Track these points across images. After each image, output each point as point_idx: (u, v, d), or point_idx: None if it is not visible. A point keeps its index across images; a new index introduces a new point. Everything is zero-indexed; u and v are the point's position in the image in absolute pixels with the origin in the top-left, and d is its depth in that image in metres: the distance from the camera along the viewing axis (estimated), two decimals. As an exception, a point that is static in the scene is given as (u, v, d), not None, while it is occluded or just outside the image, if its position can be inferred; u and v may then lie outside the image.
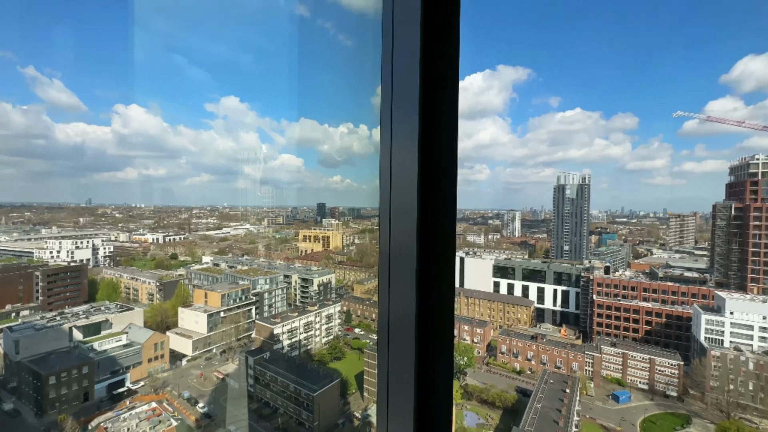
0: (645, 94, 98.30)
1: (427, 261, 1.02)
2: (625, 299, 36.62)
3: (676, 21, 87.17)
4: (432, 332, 1.03)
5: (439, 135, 1.05)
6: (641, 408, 28.22)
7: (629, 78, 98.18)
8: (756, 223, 33.94)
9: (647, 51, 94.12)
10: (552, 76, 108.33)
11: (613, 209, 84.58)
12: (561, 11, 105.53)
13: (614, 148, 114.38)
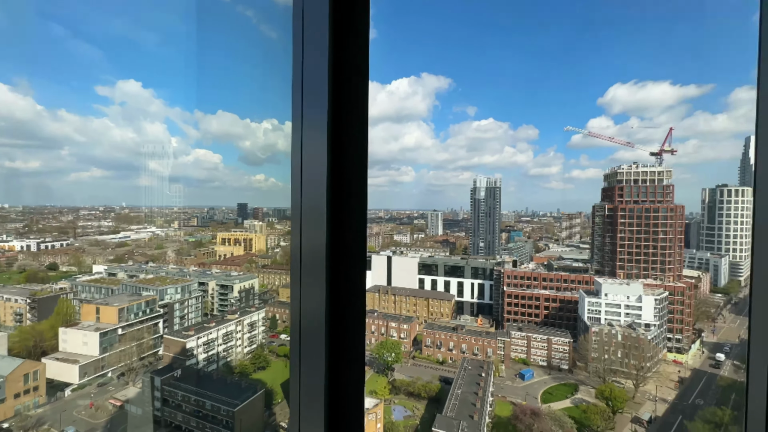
0: (543, 110, 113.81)
1: (338, 263, 0.98)
2: (529, 288, 41.47)
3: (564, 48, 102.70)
4: (343, 335, 1.00)
5: (349, 132, 1.00)
6: (542, 382, 32.32)
7: (531, 94, 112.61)
8: (622, 221, 41.54)
9: (545, 72, 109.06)
10: (469, 88, 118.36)
11: (519, 209, 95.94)
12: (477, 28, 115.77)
13: (520, 156, 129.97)
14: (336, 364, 0.99)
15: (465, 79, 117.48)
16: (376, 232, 63.21)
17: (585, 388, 30.62)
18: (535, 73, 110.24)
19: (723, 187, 42.34)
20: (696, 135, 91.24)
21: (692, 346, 33.33)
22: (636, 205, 41.58)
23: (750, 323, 0.95)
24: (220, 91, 53.83)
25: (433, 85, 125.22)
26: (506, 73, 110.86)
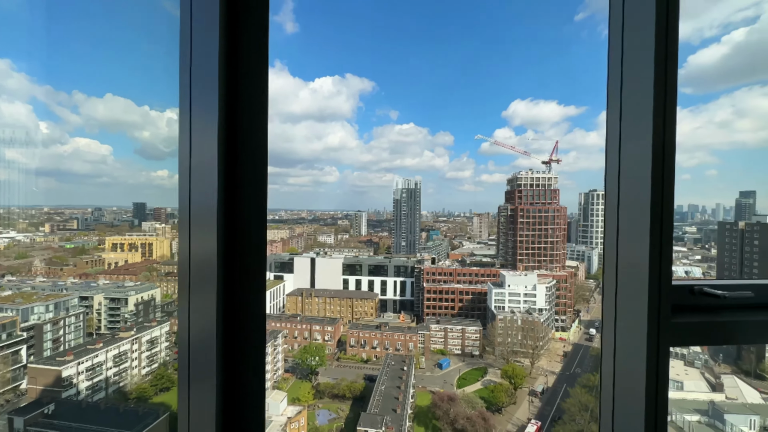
0: (458, 118, 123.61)
1: (233, 270, 0.88)
2: (446, 284, 44.47)
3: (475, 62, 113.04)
4: (239, 350, 0.90)
5: (246, 120, 0.89)
6: (456, 369, 34.99)
7: (447, 103, 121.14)
8: (521, 220, 47.39)
9: (459, 83, 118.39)
10: (392, 92, 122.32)
11: (437, 210, 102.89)
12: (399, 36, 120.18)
13: (438, 160, 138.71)
14: (231, 385, 0.87)
15: (388, 83, 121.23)
16: (299, 234, 61.00)
17: (492, 370, 34.08)
18: (450, 83, 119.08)
19: (593, 192, 51.71)
20: (575, 148, 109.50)
21: (573, 325, 39.66)
22: (531, 207, 47.81)
23: (603, 301, 1.12)
24: (109, 70, 45.44)
25: (357, 87, 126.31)
26: (425, 82, 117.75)
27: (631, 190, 1.05)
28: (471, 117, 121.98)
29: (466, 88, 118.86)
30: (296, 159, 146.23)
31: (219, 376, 0.84)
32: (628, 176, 1.06)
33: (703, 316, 1.06)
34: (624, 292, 1.06)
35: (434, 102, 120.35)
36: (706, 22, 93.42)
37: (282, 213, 69.54)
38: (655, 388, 0.99)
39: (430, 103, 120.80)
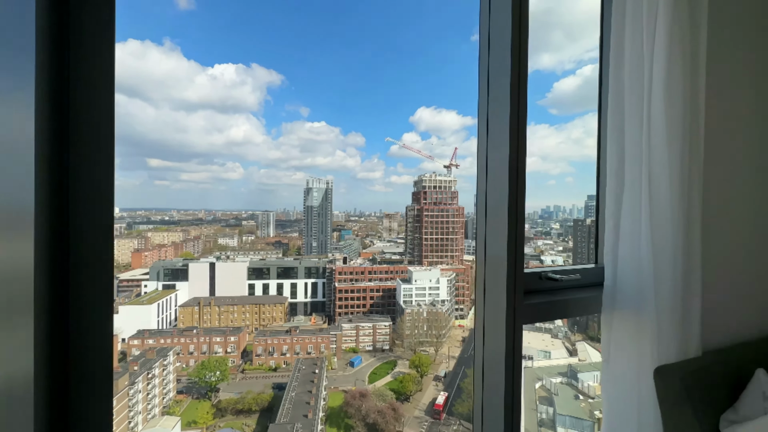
0: (369, 119, 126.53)
1: (63, 291, 0.68)
2: (358, 282, 45.13)
3: (384, 65, 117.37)
4: (74, 400, 0.69)
5: (80, 98, 0.70)
6: (369, 365, 35.83)
7: (359, 104, 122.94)
8: (426, 220, 51.05)
9: (370, 85, 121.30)
10: (303, 88, 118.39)
11: (349, 210, 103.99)
12: (311, 29, 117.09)
13: (349, 160, 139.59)
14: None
15: (298, 78, 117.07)
16: (195, 236, 54.34)
17: (401, 361, 35.89)
18: (362, 84, 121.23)
19: (485, 194, 58.89)
20: (470, 154, 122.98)
21: (469, 312, 44.38)
22: (435, 206, 51.93)
23: (475, 288, 1.28)
24: None
25: (264, 79, 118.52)
26: (337, 81, 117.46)
27: (493, 193, 1.22)
28: (382, 120, 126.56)
29: (377, 92, 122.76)
30: (192, 152, 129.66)
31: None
32: (491, 181, 1.23)
33: (546, 297, 1.30)
34: (490, 280, 1.23)
35: (346, 102, 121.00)
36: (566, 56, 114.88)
37: (173, 213, 60.72)
38: (512, 357, 1.17)
39: (342, 102, 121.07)
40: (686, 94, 1.23)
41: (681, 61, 1.22)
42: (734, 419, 1.01)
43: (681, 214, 1.22)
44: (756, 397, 1.04)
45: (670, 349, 1.22)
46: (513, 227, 1.17)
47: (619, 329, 1.26)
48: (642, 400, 1.22)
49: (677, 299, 1.22)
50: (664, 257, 1.21)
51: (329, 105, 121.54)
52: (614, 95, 1.28)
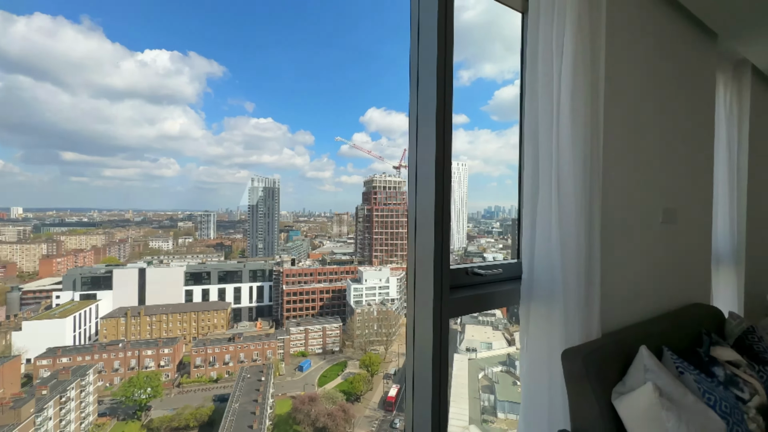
0: (318, 118, 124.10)
1: None
2: (307, 284, 44.09)
3: (337, 66, 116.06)
4: None
5: None
6: (318, 369, 35.17)
7: (308, 102, 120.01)
8: (376, 220, 51.45)
9: (319, 83, 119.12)
10: (247, 82, 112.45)
11: (297, 210, 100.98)
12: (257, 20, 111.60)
13: (298, 158, 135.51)
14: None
15: (242, 71, 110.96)
16: (121, 239, 48.99)
17: (352, 362, 35.78)
18: (312, 82, 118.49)
19: (432, 195, 61.05)
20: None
21: (418, 309, 45.74)
22: (385, 207, 52.57)
23: (407, 284, 1.32)
24: None
25: (203, 69, 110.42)
26: (286, 77, 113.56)
27: (422, 193, 1.27)
28: (332, 118, 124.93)
29: (327, 90, 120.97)
30: (117, 146, 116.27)
31: None
32: (420, 182, 1.28)
33: (472, 291, 1.38)
34: (419, 277, 1.28)
35: (295, 99, 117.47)
36: (506, 67, 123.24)
37: (94, 214, 53.84)
38: (439, 349, 1.22)
39: (291, 99, 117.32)
40: (588, 107, 1.39)
41: (583, 78, 1.38)
42: (622, 391, 1.17)
43: (584, 213, 1.38)
44: (639, 370, 1.21)
45: (576, 333, 1.37)
46: (439, 226, 1.23)
47: (534, 318, 1.39)
48: (553, 381, 1.35)
49: (581, 289, 1.38)
50: (570, 252, 1.36)
51: (276, 101, 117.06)
52: (530, 106, 1.41)
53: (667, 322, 1.67)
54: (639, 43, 1.77)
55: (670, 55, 1.95)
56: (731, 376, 1.37)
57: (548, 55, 1.38)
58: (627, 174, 1.71)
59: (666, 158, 1.94)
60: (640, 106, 1.78)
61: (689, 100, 2.11)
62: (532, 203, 1.41)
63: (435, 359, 1.21)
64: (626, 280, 1.72)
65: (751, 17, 2.04)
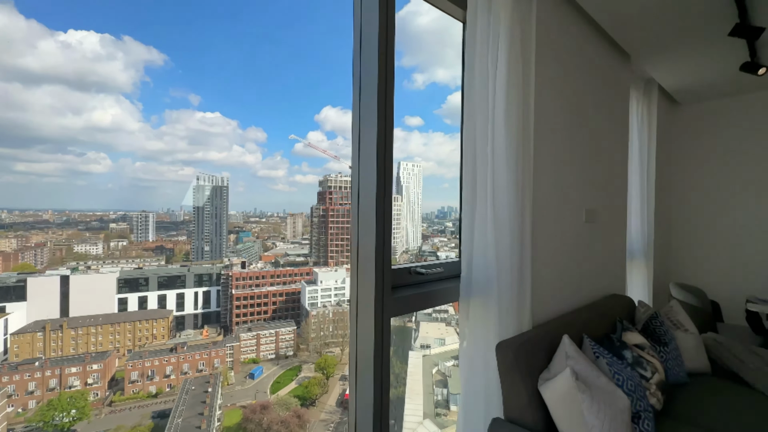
0: (271, 115, 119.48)
1: None
2: (258, 287, 42.32)
3: (291, 62, 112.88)
4: None
5: None
6: (271, 375, 33.88)
7: (260, 96, 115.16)
8: (331, 220, 50.82)
9: (272, 79, 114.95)
10: (193, 74, 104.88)
11: (248, 210, 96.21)
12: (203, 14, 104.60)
13: (249, 156, 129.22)
14: None
15: (187, 62, 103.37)
16: (37, 243, 43.26)
17: (307, 365, 34.98)
18: (264, 77, 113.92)
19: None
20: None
21: (374, 309, 45.89)
22: (340, 207, 52.10)
23: (350, 284, 1.31)
24: None
25: (141, 56, 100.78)
26: (236, 69, 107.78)
27: (364, 193, 1.28)
28: (285, 116, 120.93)
29: (281, 86, 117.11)
30: (33, 137, 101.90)
31: None
32: (362, 182, 1.28)
33: (414, 290, 1.42)
34: (362, 277, 1.28)
35: (246, 94, 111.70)
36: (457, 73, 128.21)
37: (2, 214, 46.63)
38: (381, 348, 1.24)
39: (241, 94, 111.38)
40: (520, 116, 1.50)
41: (516, 89, 1.48)
42: (547, 377, 1.27)
43: (516, 214, 1.48)
44: (561, 357, 1.33)
45: (509, 326, 1.46)
46: (381, 226, 1.24)
47: (472, 314, 1.46)
48: (489, 373, 1.43)
49: (514, 285, 1.47)
50: (504, 251, 1.45)
51: (225, 95, 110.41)
52: (468, 113, 1.48)
53: (588, 312, 1.86)
54: (565, 58, 1.94)
55: (591, 72, 2.17)
56: (637, 357, 1.55)
57: (484, 65, 1.46)
58: (554, 178, 1.87)
59: (588, 164, 2.15)
60: (566, 117, 1.96)
61: (607, 112, 2.36)
62: (470, 205, 1.48)
63: (377, 358, 1.23)
64: (554, 276, 1.87)
65: (654, 44, 2.33)
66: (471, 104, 1.47)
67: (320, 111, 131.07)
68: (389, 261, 1.28)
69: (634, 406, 1.29)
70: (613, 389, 1.23)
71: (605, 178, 2.33)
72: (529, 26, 1.58)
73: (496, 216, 1.45)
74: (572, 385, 1.13)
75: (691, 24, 2.07)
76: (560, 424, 1.18)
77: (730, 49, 2.35)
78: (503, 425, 1.28)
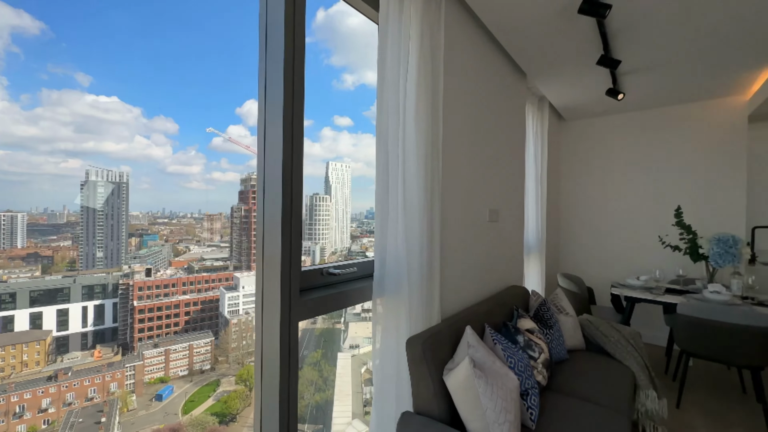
0: (185, 105, 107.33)
1: None
2: (167, 297, 37.73)
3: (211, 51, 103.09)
4: None
5: None
6: (183, 393, 30.44)
7: (170, 83, 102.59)
8: (255, 220, 48.03)
9: (187, 65, 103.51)
10: (80, 47, 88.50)
11: (155, 210, 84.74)
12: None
13: (156, 149, 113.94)
14: None
15: (74, 35, 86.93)
16: None
17: (226, 379, 32.28)
18: (176, 62, 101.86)
19: (317, 195, 60.72)
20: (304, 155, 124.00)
21: (302, 313, 44.46)
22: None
23: (256, 289, 1.22)
24: None
25: (8, 21, 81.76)
26: (138, 48, 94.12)
27: (270, 193, 1.20)
28: (202, 107, 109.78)
29: (199, 75, 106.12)
30: None
31: None
32: (268, 182, 1.21)
33: (327, 291, 1.38)
34: (267, 280, 1.21)
35: (153, 79, 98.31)
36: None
37: None
38: (287, 353, 1.18)
39: (147, 79, 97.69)
40: (429, 122, 1.57)
41: (425, 94, 1.55)
42: (451, 367, 1.35)
43: (426, 214, 1.55)
44: (464, 347, 1.43)
45: (419, 322, 1.53)
46: (287, 227, 1.18)
47: (385, 312, 1.48)
48: (400, 369, 1.47)
49: (423, 283, 1.54)
50: (414, 249, 1.51)
51: (126, 78, 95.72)
52: (381, 114, 1.50)
53: (491, 303, 2.04)
54: (471, 71, 2.10)
55: (494, 85, 2.40)
56: (528, 341, 1.75)
57: (395, 69, 1.50)
58: (461, 180, 2.02)
59: (490, 169, 2.37)
60: (471, 124, 2.13)
61: (507, 122, 2.64)
62: (382, 205, 1.51)
63: (283, 364, 1.17)
64: (461, 271, 2.02)
65: (543, 67, 2.68)
66: (383, 106, 1.50)
67: (243, 104, 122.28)
68: (298, 263, 1.22)
69: (523, 385, 1.45)
70: (506, 372, 1.36)
71: (505, 182, 2.60)
72: (438, 36, 1.68)
73: (407, 215, 1.50)
74: (470, 373, 1.22)
75: (568, 53, 2.43)
76: (461, 409, 1.26)
77: (598, 77, 2.81)
78: (411, 417, 1.32)
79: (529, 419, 1.41)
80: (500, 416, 1.18)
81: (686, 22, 2.01)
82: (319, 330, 46.49)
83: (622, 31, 2.11)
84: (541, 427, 1.43)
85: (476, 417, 1.20)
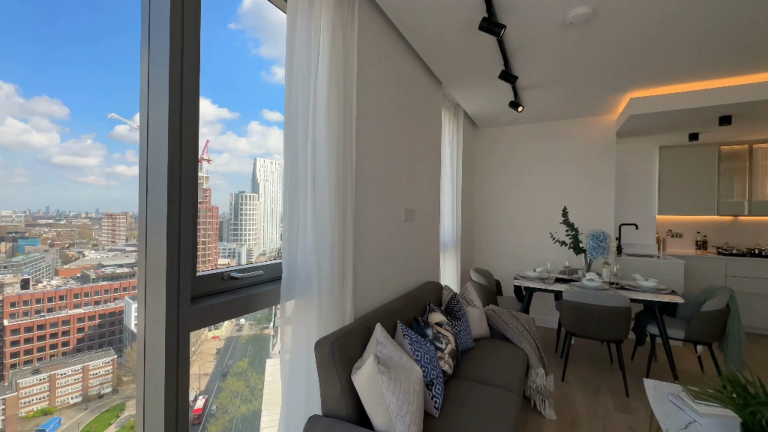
0: (78, 86, 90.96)
1: None
2: (52, 312, 31.62)
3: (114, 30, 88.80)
4: None
5: None
6: (74, 424, 25.93)
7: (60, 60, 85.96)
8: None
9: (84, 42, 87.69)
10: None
11: (35, 209, 70.37)
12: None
13: (37, 136, 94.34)
14: None
15: None
16: None
17: (133, 402, 28.38)
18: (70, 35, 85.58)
19: (243, 193, 56.60)
20: (228, 150, 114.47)
21: (224, 322, 41.27)
22: (181, 206, 44.69)
23: (138, 298, 1.09)
24: None
25: None
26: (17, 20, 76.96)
27: (153, 193, 1.08)
28: (101, 90, 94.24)
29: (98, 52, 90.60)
30: None
31: None
32: (152, 181, 1.08)
33: (228, 296, 1.29)
34: (151, 288, 1.08)
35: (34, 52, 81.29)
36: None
37: None
38: (176, 368, 1.07)
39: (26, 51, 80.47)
40: (341, 123, 1.57)
41: (336, 93, 1.54)
42: (359, 366, 1.37)
43: (338, 215, 1.54)
44: (373, 344, 1.46)
45: (329, 323, 1.51)
46: (174, 225, 1.07)
47: (293, 315, 1.44)
48: (309, 372, 1.44)
49: (335, 283, 1.53)
50: (325, 250, 1.49)
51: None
52: (288, 115, 1.45)
53: (405, 300, 2.12)
54: (388, 75, 2.16)
55: (411, 90, 2.49)
56: (436, 333, 1.85)
57: (304, 63, 1.46)
58: (376, 181, 2.06)
59: (406, 170, 2.47)
60: (386, 126, 2.18)
61: (423, 126, 2.77)
62: (291, 204, 1.46)
63: (169, 381, 1.05)
64: (376, 270, 2.06)
65: (455, 77, 2.88)
66: (292, 103, 1.44)
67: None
68: (190, 267, 1.12)
69: (428, 375, 1.53)
70: (411, 365, 1.42)
71: (422, 183, 2.73)
72: (350, 32, 1.68)
73: (316, 216, 1.47)
74: (374, 370, 1.24)
75: (477, 65, 2.65)
76: (367, 406, 1.28)
77: (503, 90, 3.12)
78: (318, 420, 1.30)
79: (434, 407, 1.50)
80: (402, 408, 1.22)
81: (567, 51, 2.34)
82: (245, 337, 44.81)
83: (520, 50, 2.37)
84: (443, 414, 1.53)
85: (380, 412, 1.24)
